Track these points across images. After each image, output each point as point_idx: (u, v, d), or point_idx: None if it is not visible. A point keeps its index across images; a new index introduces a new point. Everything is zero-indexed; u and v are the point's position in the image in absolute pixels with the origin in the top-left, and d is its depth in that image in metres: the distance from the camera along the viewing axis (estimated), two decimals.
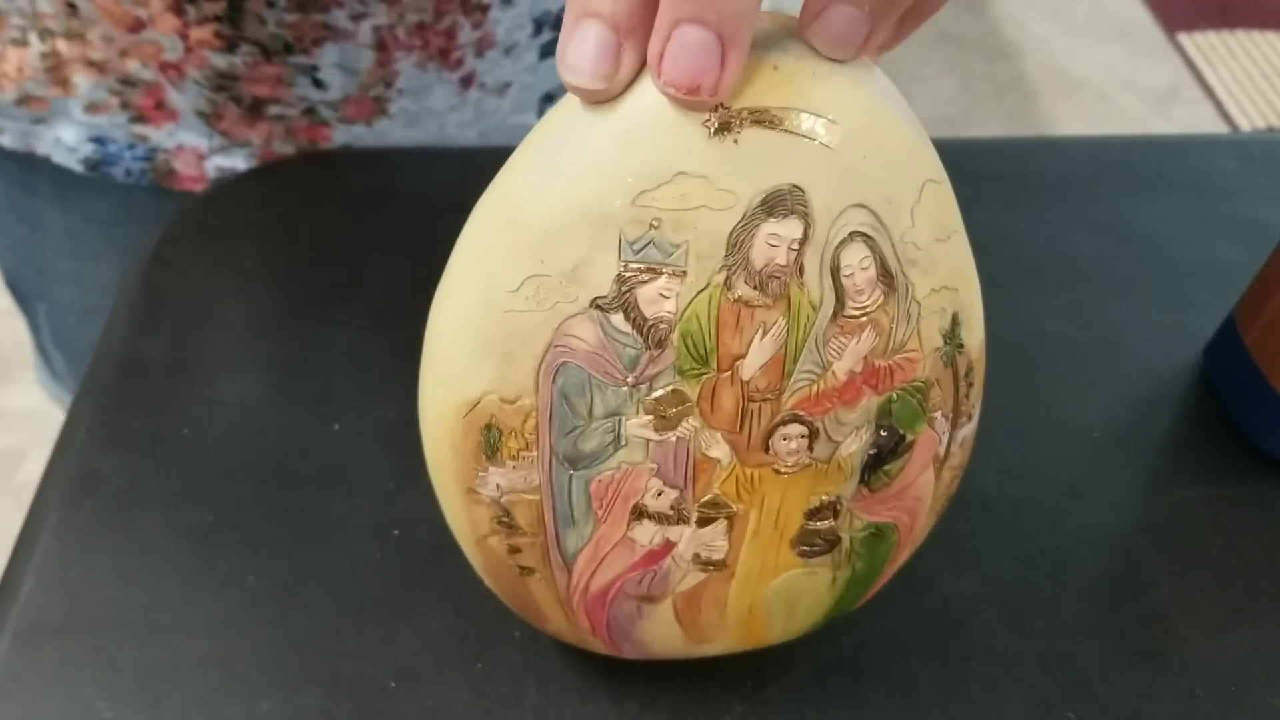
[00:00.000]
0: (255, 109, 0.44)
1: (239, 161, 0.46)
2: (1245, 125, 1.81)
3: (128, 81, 0.43)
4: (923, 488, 0.27)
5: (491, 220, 0.25)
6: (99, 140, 0.45)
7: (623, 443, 0.24)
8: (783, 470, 0.25)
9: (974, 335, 0.26)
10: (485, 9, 0.45)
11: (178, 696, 0.29)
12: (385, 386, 0.37)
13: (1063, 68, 1.96)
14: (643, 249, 0.22)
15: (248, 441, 0.35)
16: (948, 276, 0.25)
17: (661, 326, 0.23)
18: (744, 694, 0.30)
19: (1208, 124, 1.82)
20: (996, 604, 0.32)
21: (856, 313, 0.23)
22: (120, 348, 0.38)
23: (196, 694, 0.29)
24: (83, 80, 0.43)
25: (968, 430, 0.27)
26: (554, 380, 0.24)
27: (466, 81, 0.47)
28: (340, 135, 0.46)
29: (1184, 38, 2.00)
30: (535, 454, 0.24)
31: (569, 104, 0.23)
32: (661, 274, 0.23)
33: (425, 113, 0.47)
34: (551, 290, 0.23)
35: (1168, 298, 0.41)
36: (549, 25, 0.48)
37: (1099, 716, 0.30)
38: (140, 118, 0.44)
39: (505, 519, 0.25)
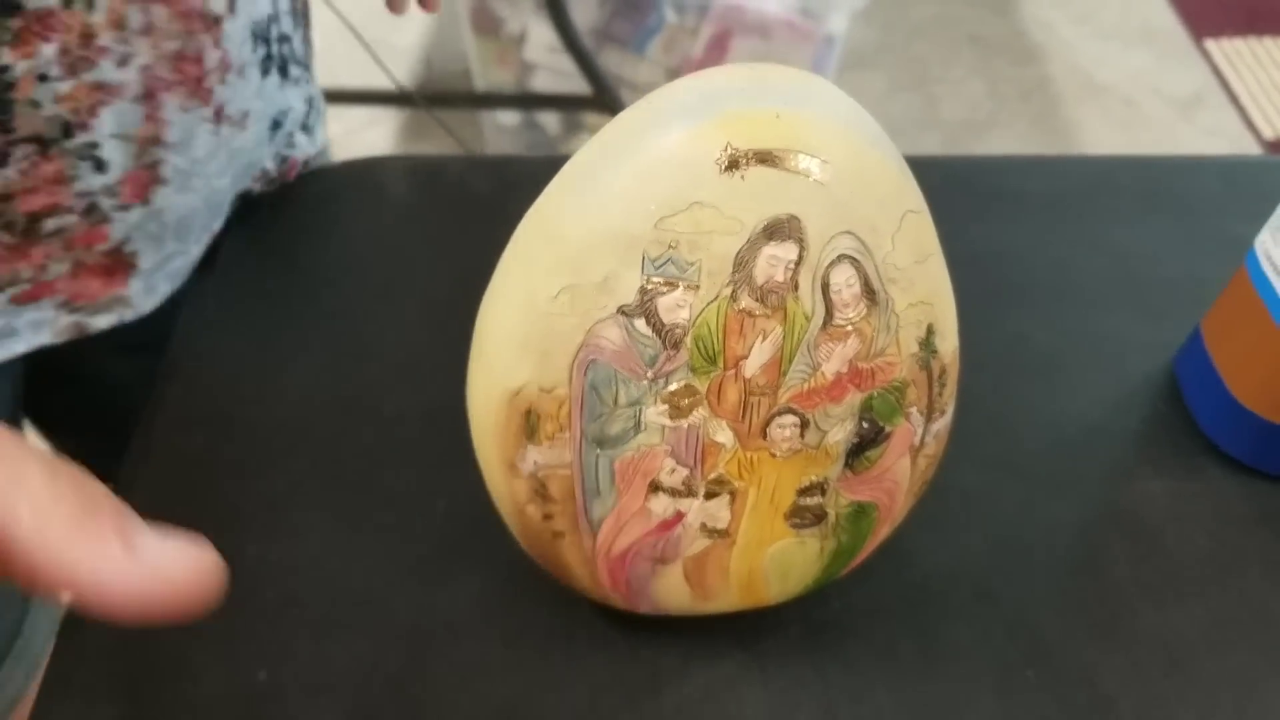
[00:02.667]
0: (29, 231, 0.39)
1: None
2: (1269, 132, 1.82)
3: None
4: (900, 473, 0.31)
5: (534, 237, 0.29)
6: None
7: (642, 428, 0.28)
8: (778, 454, 0.29)
9: (947, 343, 0.30)
10: (219, 20, 0.42)
11: (250, 634, 0.34)
12: (431, 376, 0.41)
13: (1089, 72, 1.98)
14: (662, 265, 0.27)
15: (310, 422, 0.40)
16: (924, 294, 0.29)
17: (677, 331, 0.27)
18: (744, 646, 0.34)
19: (1232, 130, 1.84)
20: (969, 579, 0.36)
21: (843, 323, 0.28)
22: (197, 337, 0.43)
23: (267, 634, 0.34)
24: None
25: (941, 424, 0.31)
26: (585, 374, 0.28)
27: (218, 115, 0.44)
28: (118, 229, 0.42)
29: (1211, 44, 2.01)
30: (568, 436, 0.29)
31: (601, 139, 0.28)
32: (678, 287, 0.27)
33: (193, 168, 0.44)
34: (584, 298, 0.27)
35: (1145, 310, 0.45)
36: (263, 38, 0.46)
37: (1056, 676, 0.34)
38: None
39: (541, 490, 0.30)
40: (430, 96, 1.63)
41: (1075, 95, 1.93)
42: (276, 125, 0.50)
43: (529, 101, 1.56)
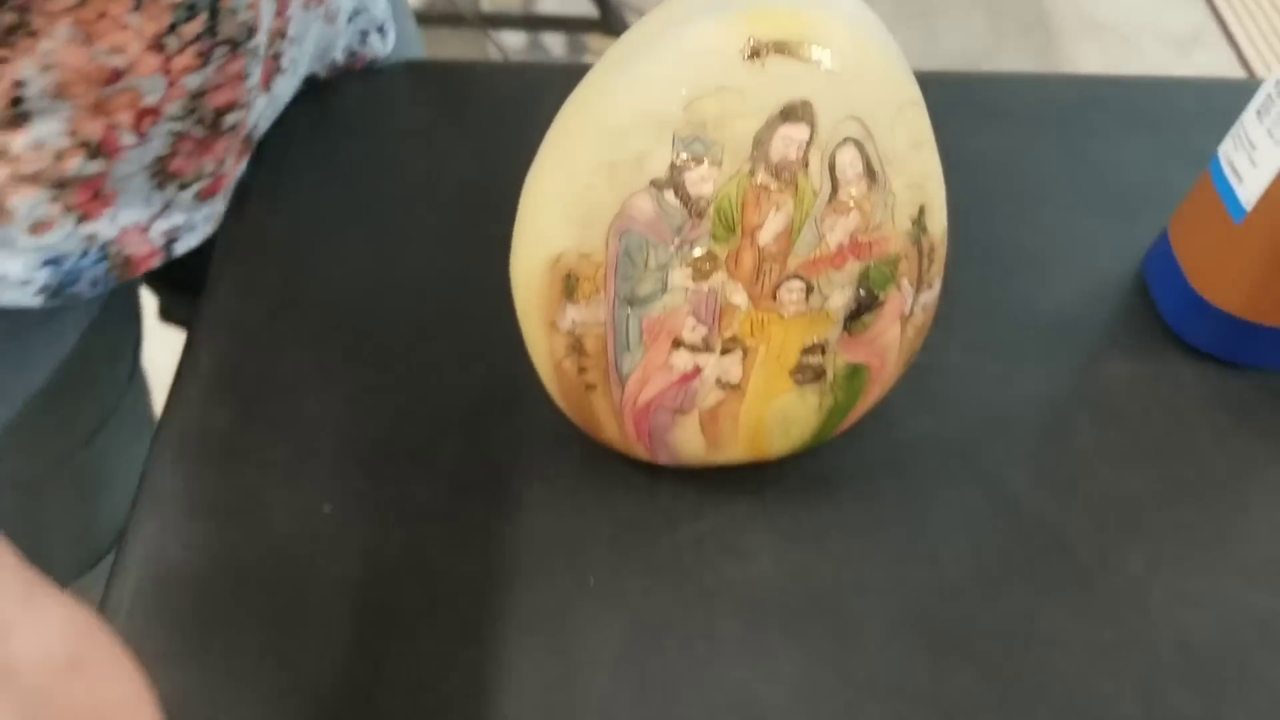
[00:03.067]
0: (215, 125, 0.42)
1: (176, 217, 0.44)
2: (1263, 72, 1.85)
3: (62, 184, 0.39)
4: (891, 338, 0.35)
5: (576, 118, 0.33)
6: (54, 261, 0.41)
7: (668, 289, 0.32)
8: (785, 315, 0.33)
9: (936, 224, 0.34)
10: None
11: (314, 475, 0.38)
12: (467, 257, 0.45)
13: (1089, 8, 1.99)
14: (690, 144, 0.31)
15: (358, 297, 0.44)
16: (918, 177, 0.33)
17: (702, 203, 0.31)
18: (749, 494, 0.39)
19: (1227, 71, 1.87)
20: (949, 442, 0.41)
21: (846, 199, 0.32)
22: (248, 222, 0.47)
23: (328, 475, 0.38)
24: (20, 200, 0.39)
25: (928, 297, 0.35)
26: (620, 240, 0.32)
27: (325, 11, 0.48)
28: (252, 116, 0.45)
29: None
30: (603, 296, 0.33)
31: (638, 32, 0.32)
32: (704, 163, 0.31)
33: (300, 57, 0.48)
34: (621, 173, 0.31)
35: (1119, 214, 0.49)
36: None
37: (1021, 523, 0.38)
38: (83, 216, 0.41)
39: (577, 346, 0.34)
40: (438, 16, 1.65)
41: (1074, 31, 1.95)
42: (351, 18, 0.53)
43: (535, 23, 1.58)
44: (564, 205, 0.32)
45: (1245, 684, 0.35)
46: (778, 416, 0.36)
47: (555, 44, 1.63)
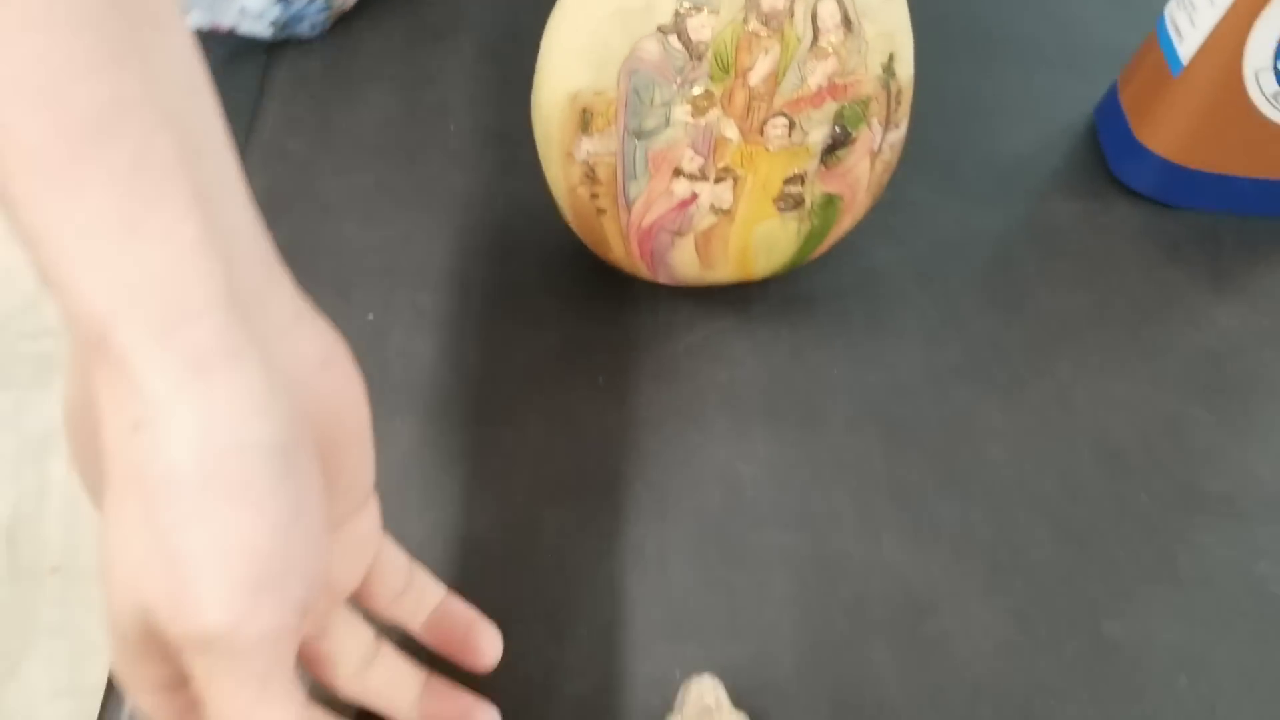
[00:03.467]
0: None
1: None
2: None
3: None
4: (861, 172, 0.40)
5: None
6: (284, 1, 0.49)
7: (671, 124, 0.38)
8: (771, 149, 0.38)
9: (904, 70, 0.39)
10: None
11: (359, 288, 0.44)
12: (490, 96, 0.50)
13: None
14: None
15: (389, 132, 0.49)
16: (888, 27, 0.38)
17: (701, 46, 0.36)
18: (736, 310, 0.45)
19: None
20: (910, 269, 0.46)
21: (826, 46, 0.37)
22: (291, 59, 0.51)
23: (372, 288, 0.44)
24: None
25: (895, 136, 0.40)
26: (630, 79, 0.37)
27: None
28: None
29: None
30: (614, 129, 0.38)
31: None
32: (703, 11, 0.36)
33: None
34: (631, 20, 0.36)
35: (1075, 68, 0.54)
36: None
37: (970, 341, 0.45)
38: None
39: (590, 174, 0.39)
40: None
41: None
42: None
43: None
44: (581, 48, 0.37)
45: (1150, 471, 0.42)
46: (762, 240, 0.41)
47: None
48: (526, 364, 0.43)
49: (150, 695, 0.26)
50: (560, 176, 0.40)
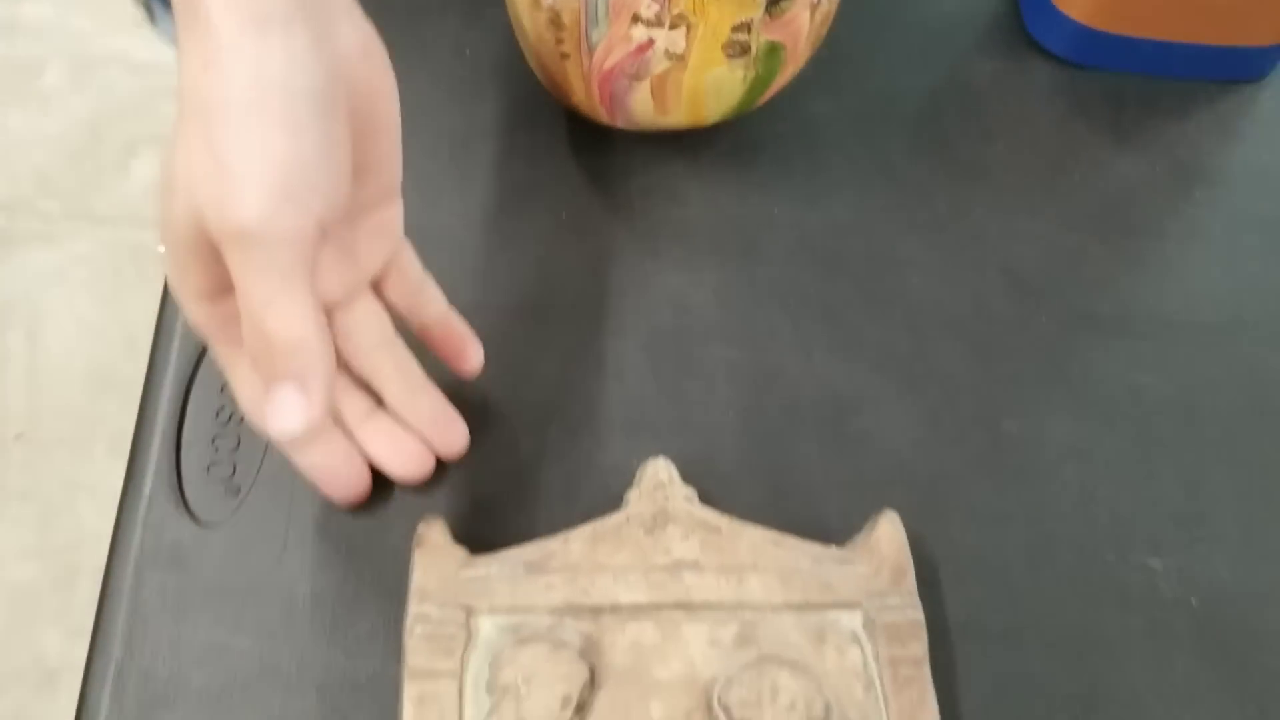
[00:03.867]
0: None
1: None
2: None
3: None
4: (802, 22, 0.44)
5: None
6: None
7: None
8: None
9: None
10: None
11: None
12: None
13: None
14: None
15: None
16: None
17: None
18: (686, 156, 0.49)
19: None
20: (846, 120, 0.51)
21: None
22: None
23: None
24: None
25: None
26: None
27: None
28: None
29: None
30: None
31: None
32: None
33: None
34: None
35: None
36: None
37: (897, 186, 0.49)
38: None
39: (556, 20, 0.43)
40: None
41: None
42: None
43: None
44: None
45: (1050, 296, 0.48)
46: (712, 85, 0.45)
47: None
48: (493, 201, 0.47)
49: (197, 304, 0.32)
50: (527, 24, 0.44)
